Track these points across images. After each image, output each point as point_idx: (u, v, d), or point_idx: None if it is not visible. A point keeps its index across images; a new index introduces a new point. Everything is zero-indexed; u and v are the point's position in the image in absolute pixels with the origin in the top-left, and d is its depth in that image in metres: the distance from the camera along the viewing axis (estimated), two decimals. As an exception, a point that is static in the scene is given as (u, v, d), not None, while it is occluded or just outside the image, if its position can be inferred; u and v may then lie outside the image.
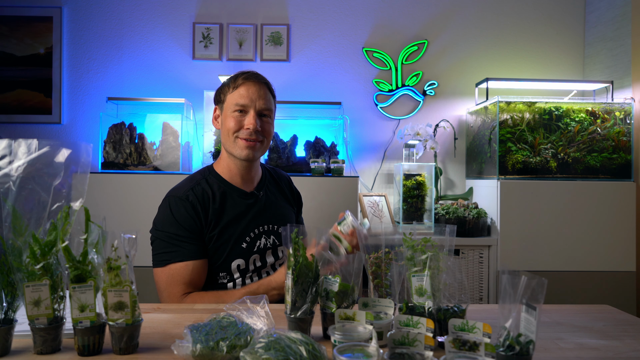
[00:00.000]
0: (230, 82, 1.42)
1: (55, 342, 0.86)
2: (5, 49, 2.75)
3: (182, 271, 1.31)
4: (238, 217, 1.40)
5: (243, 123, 1.38)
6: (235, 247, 1.38)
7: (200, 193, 1.38)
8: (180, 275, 1.31)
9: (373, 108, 2.85)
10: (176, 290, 1.31)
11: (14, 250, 0.85)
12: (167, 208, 1.36)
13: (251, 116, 1.38)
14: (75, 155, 0.90)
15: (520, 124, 2.43)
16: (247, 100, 1.38)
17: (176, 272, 1.31)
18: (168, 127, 2.48)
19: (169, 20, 2.80)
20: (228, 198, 1.41)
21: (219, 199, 1.39)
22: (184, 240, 1.33)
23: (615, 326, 1.08)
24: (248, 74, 1.42)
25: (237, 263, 1.39)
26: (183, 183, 1.43)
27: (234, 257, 1.38)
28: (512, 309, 0.75)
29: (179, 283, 1.31)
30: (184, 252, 1.32)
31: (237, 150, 1.39)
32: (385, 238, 1.09)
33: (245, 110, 1.39)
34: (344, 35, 2.85)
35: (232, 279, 1.38)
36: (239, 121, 1.38)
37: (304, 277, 0.93)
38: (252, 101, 1.39)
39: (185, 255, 1.32)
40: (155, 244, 1.36)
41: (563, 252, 2.34)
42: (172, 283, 1.31)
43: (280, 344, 0.75)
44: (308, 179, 2.31)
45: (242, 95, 1.38)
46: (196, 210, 1.35)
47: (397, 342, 0.79)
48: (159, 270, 1.33)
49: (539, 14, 2.89)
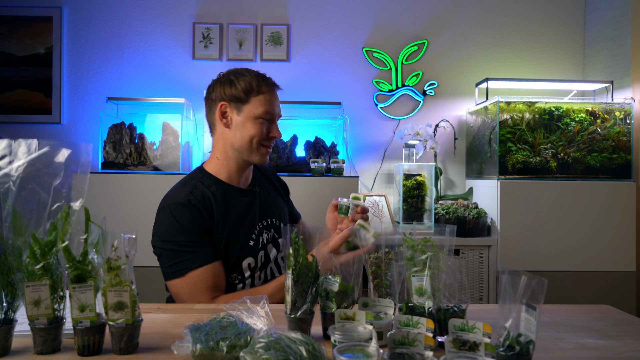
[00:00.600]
0: (252, 84, 1.36)
1: (55, 342, 0.86)
2: (5, 49, 2.75)
3: (204, 276, 1.26)
4: (242, 215, 1.39)
5: (270, 131, 1.38)
6: (245, 246, 1.37)
7: (200, 196, 1.33)
8: (203, 281, 1.26)
9: (373, 108, 2.85)
10: (202, 297, 1.25)
11: (14, 250, 0.85)
12: (169, 216, 1.29)
13: (276, 125, 1.39)
14: (75, 155, 0.90)
15: (520, 124, 2.43)
16: (276, 109, 1.39)
17: (198, 278, 1.25)
18: (168, 127, 2.48)
19: (169, 20, 2.80)
20: (229, 198, 1.38)
21: (221, 200, 1.36)
22: (196, 245, 1.28)
23: (615, 326, 1.08)
24: (269, 81, 1.40)
25: (248, 262, 1.37)
26: (177, 189, 1.37)
27: (244, 256, 1.37)
28: (512, 309, 0.75)
29: (203, 290, 1.25)
30: (200, 257, 1.27)
31: (257, 157, 1.38)
32: (385, 238, 1.10)
33: (272, 118, 1.38)
34: (344, 35, 2.85)
35: (243, 279, 1.37)
36: (267, 129, 1.37)
37: (304, 277, 0.93)
38: (277, 110, 1.40)
39: (203, 260, 1.26)
40: (164, 257, 1.29)
41: (563, 252, 2.34)
42: (196, 292, 1.25)
43: (280, 344, 0.75)
44: (308, 179, 2.31)
45: (270, 103, 1.37)
46: (201, 213, 1.30)
47: (397, 342, 0.79)
48: (177, 281, 1.26)
49: (539, 14, 2.89)
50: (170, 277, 1.28)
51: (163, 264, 1.30)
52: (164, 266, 1.30)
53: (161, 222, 1.31)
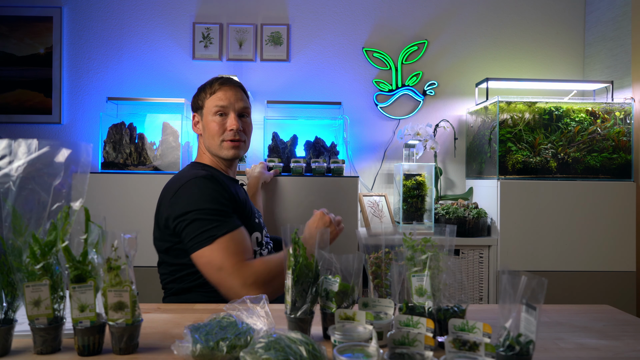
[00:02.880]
0: (206, 88, 1.50)
1: (55, 342, 0.86)
2: (5, 49, 2.75)
3: (232, 242, 1.27)
4: (244, 198, 1.49)
5: (225, 125, 1.46)
6: (252, 222, 1.46)
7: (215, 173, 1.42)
8: (235, 245, 1.27)
9: (373, 108, 2.85)
10: (234, 260, 1.25)
11: (14, 250, 0.85)
12: (194, 186, 1.32)
13: (232, 118, 1.46)
14: (75, 155, 0.90)
15: (520, 124, 2.43)
16: (227, 102, 1.46)
17: (228, 244, 1.26)
18: (168, 127, 2.48)
19: (169, 20, 2.80)
20: (230, 184, 1.47)
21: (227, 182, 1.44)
22: (220, 214, 1.30)
23: (615, 326, 1.08)
24: (223, 79, 1.50)
25: (256, 235, 1.46)
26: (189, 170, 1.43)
27: (253, 230, 1.45)
28: (512, 309, 0.75)
29: (234, 254, 1.25)
30: (226, 224, 1.29)
31: (224, 152, 1.47)
32: (385, 238, 1.09)
33: (225, 112, 1.46)
34: (344, 35, 2.85)
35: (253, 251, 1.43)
36: (222, 124, 1.46)
37: (304, 277, 0.93)
38: (231, 103, 1.47)
39: (230, 226, 1.29)
40: (193, 225, 1.28)
41: (563, 252, 2.34)
42: (228, 255, 1.25)
43: (280, 344, 0.75)
44: (308, 179, 2.31)
45: (221, 99, 1.46)
46: (222, 184, 1.36)
47: (397, 342, 0.79)
48: (207, 249, 1.25)
49: (539, 14, 2.89)
50: (197, 247, 1.27)
51: (191, 233, 1.29)
52: (189, 238, 1.29)
53: (187, 193, 1.32)
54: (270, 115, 2.71)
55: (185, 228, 1.29)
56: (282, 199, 2.26)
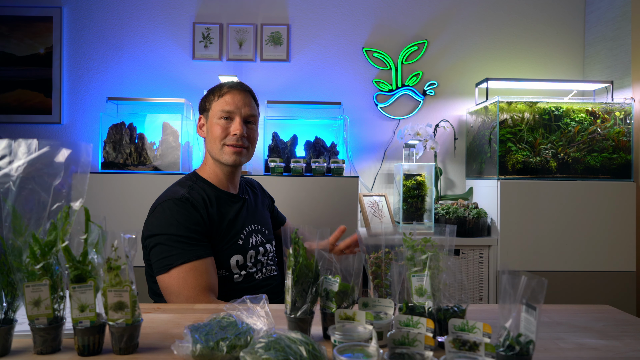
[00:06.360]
0: (215, 91, 1.46)
1: (55, 342, 0.86)
2: (5, 49, 2.75)
3: (189, 273, 1.24)
4: (233, 218, 1.43)
5: (229, 130, 1.43)
6: (233, 244, 1.41)
7: (196, 194, 1.37)
8: (191, 277, 1.24)
9: (373, 108, 2.85)
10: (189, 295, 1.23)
11: (14, 250, 0.85)
12: (163, 212, 1.31)
13: (237, 122, 1.43)
14: (75, 155, 0.90)
15: (520, 124, 2.42)
16: (233, 107, 1.43)
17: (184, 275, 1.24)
18: (168, 127, 2.48)
19: (169, 20, 2.80)
20: (221, 201, 1.43)
21: (215, 203, 1.40)
22: (184, 241, 1.28)
23: (615, 326, 1.07)
24: (233, 83, 1.48)
25: (236, 259, 1.40)
26: (174, 189, 1.40)
27: (232, 254, 1.40)
28: (512, 309, 0.75)
29: (189, 288, 1.23)
30: (187, 253, 1.26)
31: (225, 157, 1.43)
32: (385, 238, 1.09)
33: (231, 117, 1.44)
34: (344, 35, 2.85)
35: (231, 274, 1.40)
36: (225, 128, 1.43)
37: (304, 277, 0.93)
38: (237, 108, 1.44)
39: (189, 256, 1.26)
40: (155, 250, 1.29)
41: (563, 252, 2.34)
42: (181, 289, 1.23)
43: (280, 344, 0.75)
44: (308, 179, 2.31)
45: (227, 103, 1.43)
46: (196, 209, 1.33)
47: (397, 342, 0.79)
48: (163, 277, 1.25)
49: (539, 14, 2.89)
50: (157, 272, 1.28)
51: (153, 257, 1.30)
52: (153, 261, 1.30)
53: (156, 216, 1.33)
54: (270, 115, 2.71)
55: (150, 250, 1.31)
56: (282, 199, 2.26)
